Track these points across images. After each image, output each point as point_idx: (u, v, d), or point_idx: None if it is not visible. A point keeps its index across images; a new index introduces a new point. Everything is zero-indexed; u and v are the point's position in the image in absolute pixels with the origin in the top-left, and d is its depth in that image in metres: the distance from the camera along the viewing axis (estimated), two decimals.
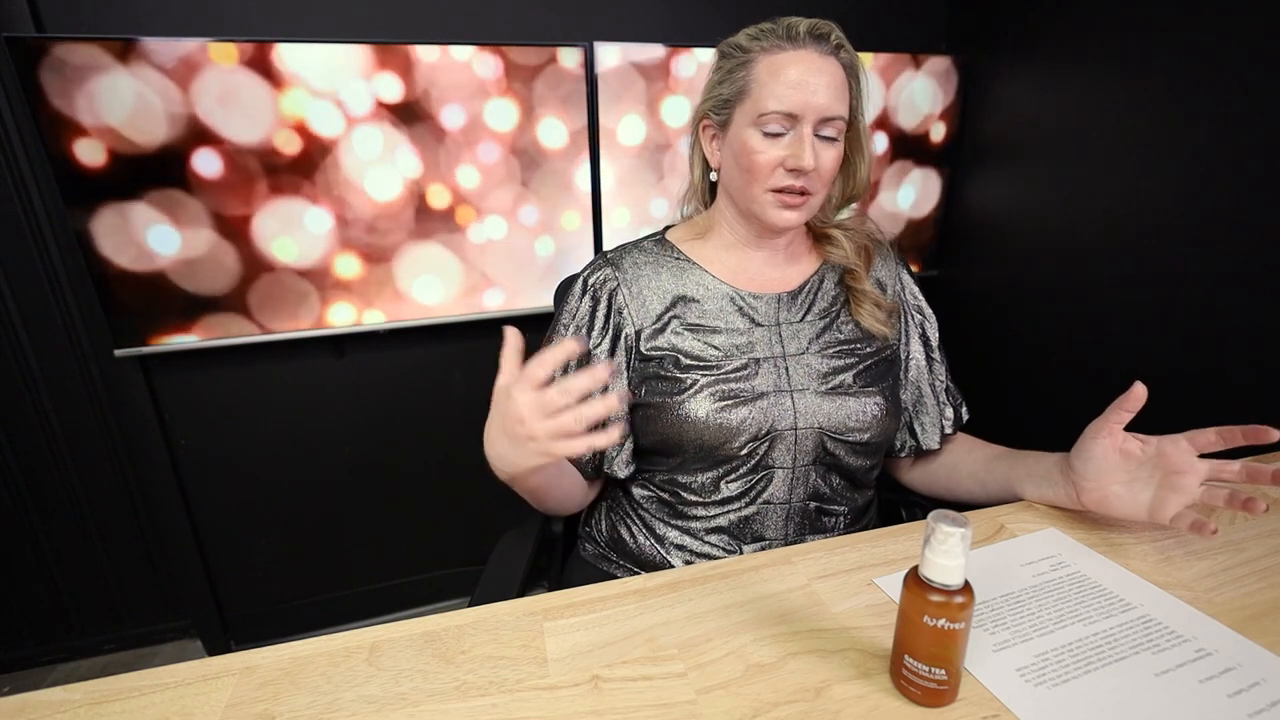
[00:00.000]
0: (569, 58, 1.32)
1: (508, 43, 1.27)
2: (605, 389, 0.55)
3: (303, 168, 1.24)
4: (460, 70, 1.27)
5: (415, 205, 1.33)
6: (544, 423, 0.50)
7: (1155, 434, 0.59)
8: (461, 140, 1.31)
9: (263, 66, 1.17)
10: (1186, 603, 0.51)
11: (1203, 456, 0.57)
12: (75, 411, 1.37)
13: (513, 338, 0.53)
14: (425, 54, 1.24)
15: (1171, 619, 0.49)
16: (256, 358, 1.38)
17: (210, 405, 1.39)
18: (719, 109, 0.70)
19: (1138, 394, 0.57)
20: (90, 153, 1.13)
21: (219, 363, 1.36)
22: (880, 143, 1.58)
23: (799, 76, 0.64)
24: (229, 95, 1.17)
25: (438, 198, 1.33)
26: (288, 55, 1.17)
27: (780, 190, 0.67)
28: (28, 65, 1.06)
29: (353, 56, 1.21)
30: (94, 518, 1.45)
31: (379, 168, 1.28)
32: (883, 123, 1.57)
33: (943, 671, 0.41)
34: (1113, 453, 0.59)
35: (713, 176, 0.76)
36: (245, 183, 1.22)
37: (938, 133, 1.63)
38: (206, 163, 1.19)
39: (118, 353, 1.24)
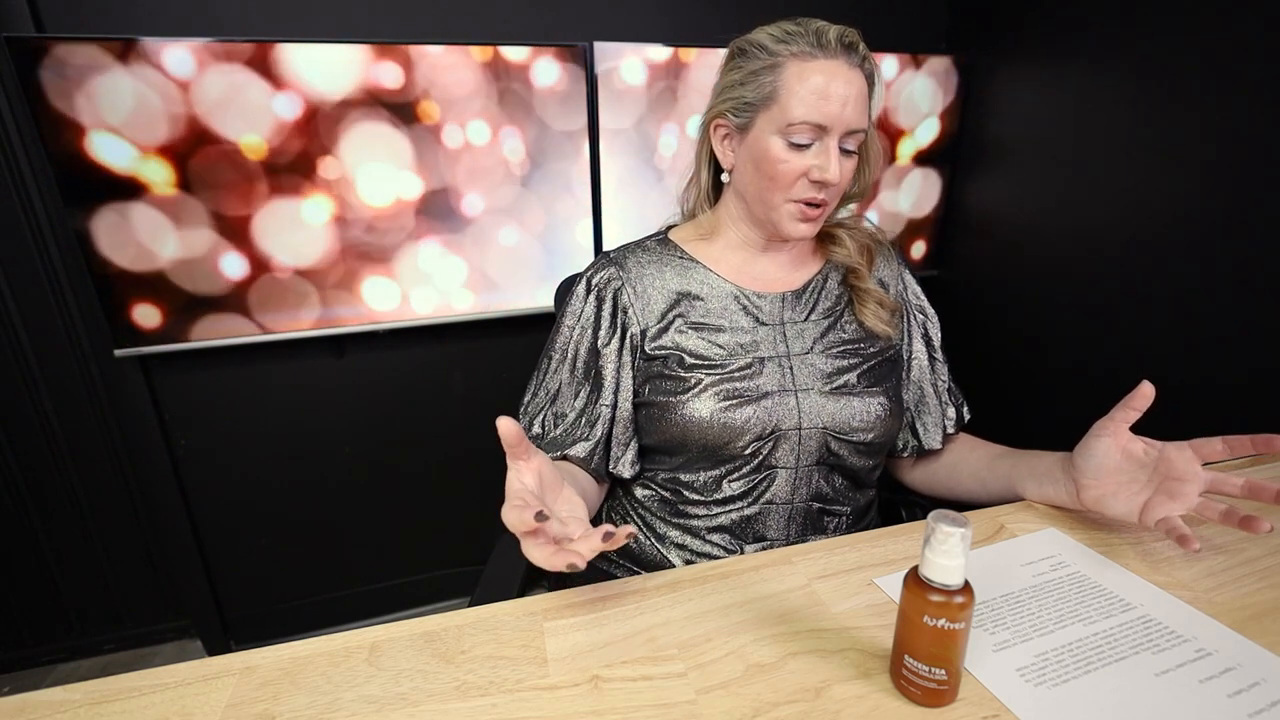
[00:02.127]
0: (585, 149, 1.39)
1: (507, 42, 1.27)
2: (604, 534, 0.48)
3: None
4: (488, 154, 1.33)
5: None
6: (513, 515, 0.46)
7: (1153, 435, 0.59)
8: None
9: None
10: (1186, 603, 0.51)
11: (1205, 466, 0.56)
12: (75, 411, 1.37)
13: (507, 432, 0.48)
14: (450, 138, 1.30)
15: (1171, 619, 0.49)
16: (256, 358, 1.38)
17: (210, 405, 1.39)
18: (739, 111, 0.68)
19: (1145, 392, 0.57)
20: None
21: (219, 363, 1.36)
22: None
23: (831, 88, 0.63)
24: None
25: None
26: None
27: (800, 201, 0.67)
28: (28, 65, 1.06)
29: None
30: (94, 518, 1.45)
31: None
32: (882, 123, 1.57)
33: (943, 671, 0.41)
34: (1116, 452, 0.59)
35: (724, 178, 0.75)
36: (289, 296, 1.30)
37: (936, 131, 1.62)
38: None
39: (118, 353, 1.24)
